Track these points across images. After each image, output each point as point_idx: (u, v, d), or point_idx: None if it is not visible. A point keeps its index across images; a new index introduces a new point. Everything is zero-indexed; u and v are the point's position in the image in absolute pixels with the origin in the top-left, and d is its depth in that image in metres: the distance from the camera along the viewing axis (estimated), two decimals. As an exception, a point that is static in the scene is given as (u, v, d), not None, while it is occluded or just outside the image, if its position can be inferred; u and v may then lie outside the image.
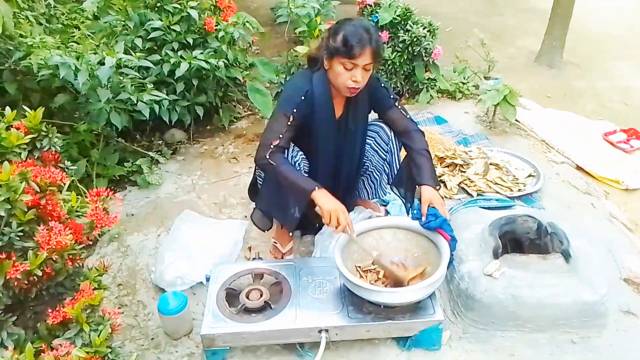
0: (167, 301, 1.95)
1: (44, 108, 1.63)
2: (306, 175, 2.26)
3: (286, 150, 2.09)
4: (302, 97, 2.05)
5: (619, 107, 4.19)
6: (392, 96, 2.23)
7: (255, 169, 2.37)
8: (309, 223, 2.44)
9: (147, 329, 2.08)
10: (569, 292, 1.98)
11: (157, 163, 3.07)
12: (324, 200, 1.93)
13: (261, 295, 1.95)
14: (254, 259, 2.29)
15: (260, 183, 2.28)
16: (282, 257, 2.37)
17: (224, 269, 2.11)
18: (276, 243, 2.40)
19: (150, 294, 2.24)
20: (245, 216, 2.69)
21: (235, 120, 3.63)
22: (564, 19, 4.72)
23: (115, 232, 2.53)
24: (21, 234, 1.35)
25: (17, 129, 1.54)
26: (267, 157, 2.00)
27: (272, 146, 2.01)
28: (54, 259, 1.36)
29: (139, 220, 2.68)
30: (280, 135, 2.03)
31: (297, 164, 2.15)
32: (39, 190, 1.39)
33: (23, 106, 1.69)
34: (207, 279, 2.18)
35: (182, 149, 3.32)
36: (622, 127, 3.52)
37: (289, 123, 2.03)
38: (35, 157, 1.60)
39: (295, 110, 2.04)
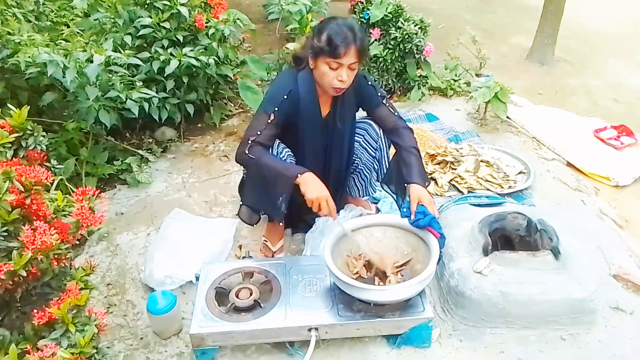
0: (156, 300, 1.94)
1: (31, 106, 1.61)
2: None
3: (269, 147, 2.09)
4: (285, 96, 2.06)
5: (610, 104, 4.20)
6: (379, 94, 2.22)
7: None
8: (300, 220, 2.44)
9: (137, 328, 2.07)
10: (558, 289, 1.98)
11: (147, 161, 3.05)
12: (308, 188, 1.95)
13: (251, 294, 1.94)
14: (244, 257, 2.28)
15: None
16: (273, 256, 2.36)
17: (213, 268, 2.10)
18: (267, 241, 2.39)
19: (140, 294, 2.22)
20: (236, 214, 2.68)
21: (226, 118, 3.61)
22: (555, 16, 4.72)
23: (104, 231, 2.52)
24: (5, 233, 1.33)
25: (2, 127, 1.52)
26: (247, 152, 2.02)
27: (249, 142, 2.03)
28: (40, 259, 1.34)
29: (128, 219, 2.67)
30: (259, 132, 2.04)
31: (283, 160, 2.15)
32: (23, 189, 1.37)
33: (8, 104, 1.67)
34: (197, 278, 2.18)
35: (173, 147, 3.30)
36: (612, 123, 3.53)
37: (269, 121, 2.04)
38: (21, 156, 1.58)
39: (276, 109, 2.05)
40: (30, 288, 1.47)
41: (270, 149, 2.10)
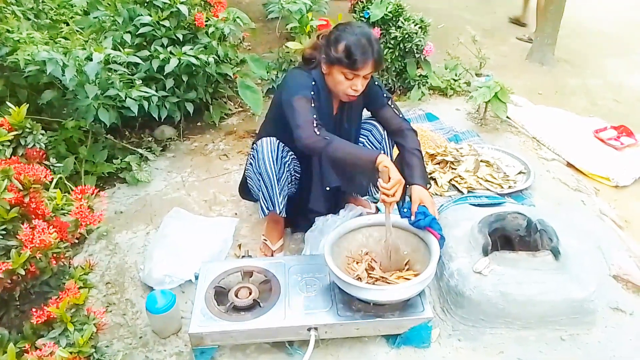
0: (155, 300, 1.93)
1: (30, 104, 1.61)
2: (298, 175, 2.26)
3: (280, 145, 2.05)
4: (313, 83, 2.05)
5: (610, 104, 4.20)
6: (385, 95, 2.23)
7: (246, 167, 2.35)
8: (302, 219, 2.43)
9: (136, 327, 2.07)
10: (558, 289, 1.98)
11: (147, 160, 3.04)
12: (394, 169, 1.84)
13: (250, 294, 1.93)
14: (243, 256, 2.27)
15: (251, 184, 2.26)
16: (272, 255, 2.36)
17: (213, 267, 2.10)
18: (266, 240, 2.39)
19: (139, 292, 2.22)
20: (236, 213, 2.68)
21: (225, 117, 3.61)
22: (555, 16, 4.72)
23: (103, 230, 2.51)
24: (4, 232, 1.33)
25: (1, 125, 1.51)
26: (317, 132, 1.88)
27: (314, 124, 1.90)
28: (38, 258, 1.34)
29: (127, 217, 2.66)
30: (315, 116, 1.93)
31: (287, 165, 2.15)
32: (22, 188, 1.37)
33: (7, 102, 1.66)
34: (196, 277, 2.17)
35: (172, 145, 3.29)
36: (612, 124, 3.53)
37: (312, 105, 1.96)
38: (20, 155, 1.58)
39: (313, 93, 2.00)
40: (29, 287, 1.47)
41: (276, 150, 2.08)
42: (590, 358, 1.94)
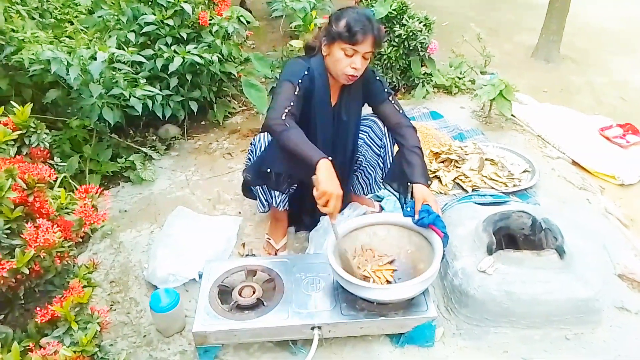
0: (159, 298, 1.93)
1: (35, 104, 1.62)
2: None
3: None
4: (306, 72, 2.05)
5: (616, 102, 4.18)
6: (386, 90, 2.22)
7: (245, 163, 2.35)
8: (308, 220, 2.43)
9: (140, 326, 2.07)
10: (563, 289, 1.97)
11: (151, 159, 3.05)
12: (325, 176, 1.78)
13: (254, 292, 1.93)
14: (247, 255, 2.27)
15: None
16: (276, 254, 2.36)
17: (216, 266, 2.10)
18: (270, 239, 2.39)
19: (143, 291, 2.22)
20: (240, 212, 2.68)
21: (229, 115, 3.61)
22: (561, 13, 4.70)
23: (108, 229, 2.52)
24: (8, 231, 1.33)
25: (5, 125, 1.52)
26: (283, 118, 1.91)
27: (285, 110, 1.93)
28: (42, 257, 1.34)
29: (132, 216, 2.67)
30: (292, 103, 1.97)
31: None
32: (26, 187, 1.37)
33: (11, 102, 1.67)
34: (200, 276, 2.17)
35: (176, 144, 3.30)
36: (618, 122, 3.51)
37: (295, 93, 1.99)
38: (24, 154, 1.58)
39: (300, 82, 2.02)
40: (33, 286, 1.47)
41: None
42: (595, 357, 1.93)
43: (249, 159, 2.24)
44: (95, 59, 2.41)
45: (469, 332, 2.01)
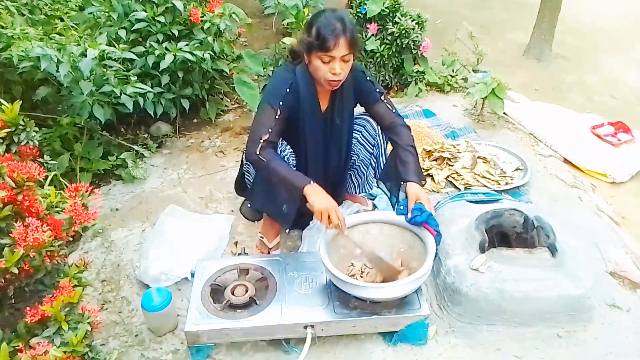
0: (150, 297, 1.92)
1: (24, 101, 1.59)
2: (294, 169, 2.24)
3: (277, 145, 2.06)
4: (288, 90, 2.02)
5: (607, 101, 4.20)
6: (378, 90, 2.20)
7: (242, 163, 2.34)
8: (300, 218, 2.41)
9: (131, 325, 2.06)
10: (555, 286, 1.98)
11: (142, 157, 3.03)
12: (316, 198, 1.89)
13: (246, 291, 1.93)
14: (239, 254, 2.26)
15: (249, 179, 2.25)
16: (269, 252, 2.35)
17: (209, 265, 2.09)
18: (263, 238, 2.38)
19: (135, 290, 2.21)
20: (232, 211, 2.67)
21: (222, 113, 3.59)
22: (552, 11, 4.71)
23: (99, 228, 2.50)
24: (-3, 230, 1.32)
25: (-7, 122, 1.50)
26: (258, 153, 1.95)
27: (261, 141, 1.96)
28: (32, 256, 1.33)
29: (123, 215, 2.65)
30: (270, 130, 1.98)
31: (285, 158, 2.13)
32: (15, 185, 1.36)
33: (0, 99, 1.64)
34: (192, 275, 2.16)
35: (168, 142, 3.28)
36: (610, 120, 3.53)
37: (276, 117, 1.99)
38: (13, 152, 1.56)
39: (281, 103, 2.00)
40: (23, 285, 1.46)
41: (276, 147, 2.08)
42: (587, 355, 1.94)
43: (244, 176, 2.28)
44: (86, 56, 2.39)
45: (461, 330, 2.02)
